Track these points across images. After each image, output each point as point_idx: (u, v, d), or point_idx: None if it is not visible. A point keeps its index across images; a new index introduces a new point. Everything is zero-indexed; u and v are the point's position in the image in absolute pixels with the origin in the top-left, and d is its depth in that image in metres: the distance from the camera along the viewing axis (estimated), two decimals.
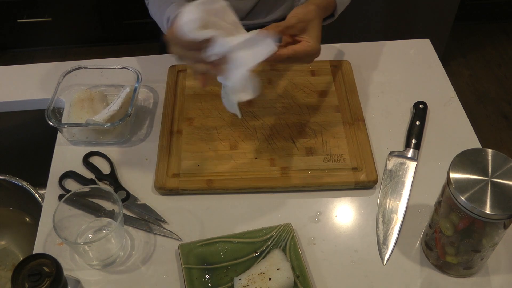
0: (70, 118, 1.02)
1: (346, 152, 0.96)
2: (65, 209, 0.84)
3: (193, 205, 0.91)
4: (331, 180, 0.92)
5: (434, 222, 0.79)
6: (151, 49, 1.13)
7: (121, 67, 1.07)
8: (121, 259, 0.84)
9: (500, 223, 0.71)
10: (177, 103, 1.05)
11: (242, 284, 0.77)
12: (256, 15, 1.18)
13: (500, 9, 2.72)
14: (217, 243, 0.83)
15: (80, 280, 0.78)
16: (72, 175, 0.94)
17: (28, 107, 1.11)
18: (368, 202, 0.91)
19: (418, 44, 1.21)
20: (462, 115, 1.05)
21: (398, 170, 0.95)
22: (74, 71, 1.06)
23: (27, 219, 1.17)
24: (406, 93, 1.09)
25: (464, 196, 0.69)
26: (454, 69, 2.51)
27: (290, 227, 0.84)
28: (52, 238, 0.86)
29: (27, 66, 1.18)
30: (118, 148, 1.00)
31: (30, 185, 1.08)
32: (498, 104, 2.36)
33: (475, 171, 0.72)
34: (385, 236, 0.86)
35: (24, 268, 0.68)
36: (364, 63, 1.15)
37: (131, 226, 0.88)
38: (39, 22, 2.43)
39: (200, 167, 0.94)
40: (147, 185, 0.93)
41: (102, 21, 2.51)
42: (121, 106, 0.99)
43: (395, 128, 1.02)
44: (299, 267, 0.80)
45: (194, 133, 0.99)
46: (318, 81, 1.09)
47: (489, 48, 2.63)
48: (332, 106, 1.04)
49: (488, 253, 0.78)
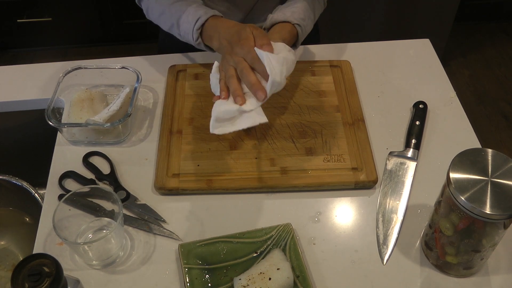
0: (70, 118, 1.01)
1: (346, 152, 0.96)
2: (65, 209, 0.84)
3: (193, 205, 0.91)
4: (331, 180, 0.92)
5: (434, 222, 0.79)
6: (151, 49, 1.13)
7: (121, 67, 1.07)
8: (121, 259, 0.84)
9: (500, 223, 0.71)
10: (177, 103, 1.05)
11: (242, 284, 0.77)
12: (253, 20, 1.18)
13: (500, 9, 2.72)
14: (217, 243, 0.83)
15: (80, 280, 0.78)
16: (72, 175, 0.94)
17: (28, 107, 1.11)
18: (368, 202, 0.91)
19: (418, 44, 1.21)
20: (462, 115, 1.05)
21: (398, 170, 0.95)
22: (74, 71, 1.06)
23: (27, 219, 1.17)
24: (406, 93, 1.09)
25: (464, 196, 0.69)
26: (454, 69, 2.51)
27: (290, 227, 0.84)
28: (52, 238, 0.86)
29: (27, 66, 1.18)
30: (118, 148, 1.00)
31: (30, 185, 1.08)
32: (498, 104, 2.36)
33: (475, 171, 0.72)
34: (385, 236, 0.86)
35: (24, 268, 0.68)
36: (364, 63, 1.15)
37: (131, 226, 0.88)
38: (39, 22, 2.43)
39: (200, 167, 0.94)
40: (147, 185, 0.93)
41: (102, 21, 2.51)
42: (121, 106, 0.99)
43: (395, 128, 1.02)
44: (299, 267, 0.80)
45: (194, 133, 0.99)
46: (318, 81, 1.09)
47: (489, 48, 2.63)
48: (332, 106, 1.04)
49: (488, 253, 0.78)
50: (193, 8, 1.00)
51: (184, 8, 1.00)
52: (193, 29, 0.98)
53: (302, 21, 1.01)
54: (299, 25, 1.00)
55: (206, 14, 0.98)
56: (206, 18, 0.98)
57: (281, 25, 1.00)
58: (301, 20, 1.01)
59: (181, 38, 1.04)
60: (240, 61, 0.86)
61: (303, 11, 1.02)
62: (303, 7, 1.03)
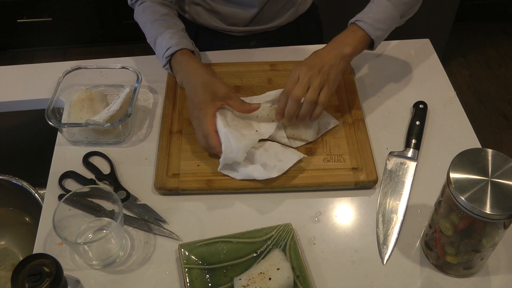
0: (70, 118, 1.01)
1: (346, 152, 0.96)
2: (65, 209, 0.84)
3: (193, 205, 0.91)
4: (331, 180, 0.92)
5: (434, 222, 0.79)
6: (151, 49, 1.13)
7: (121, 67, 1.07)
8: (121, 259, 0.84)
9: (500, 223, 0.71)
10: (177, 103, 1.05)
11: (242, 284, 0.77)
12: (260, 22, 1.18)
13: (500, 9, 2.72)
14: (217, 243, 0.83)
15: (80, 280, 0.78)
16: (72, 175, 0.94)
17: (28, 107, 1.11)
18: (368, 202, 0.91)
19: (418, 44, 1.21)
20: (462, 115, 1.05)
21: (398, 170, 0.95)
22: (74, 71, 1.06)
23: (27, 219, 1.17)
24: (406, 93, 1.09)
25: (464, 196, 0.69)
26: (454, 69, 2.51)
27: (290, 227, 0.84)
28: (52, 238, 0.86)
29: (27, 66, 1.18)
30: (118, 148, 1.00)
31: (30, 185, 1.08)
32: (498, 104, 2.36)
33: (475, 171, 0.72)
34: (385, 236, 0.86)
35: (24, 268, 0.68)
36: (364, 63, 1.15)
37: (131, 226, 0.88)
38: (39, 22, 2.43)
39: (200, 167, 0.94)
40: (147, 185, 0.93)
41: (102, 21, 2.51)
42: (121, 106, 0.99)
43: (395, 128, 1.02)
44: (299, 267, 0.80)
45: (194, 133, 0.99)
46: None
47: (489, 48, 2.63)
48: (332, 106, 1.04)
49: (488, 253, 0.78)
50: (169, 33, 1.01)
51: (163, 29, 1.02)
52: (163, 55, 1.00)
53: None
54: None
55: (177, 46, 0.99)
56: (175, 50, 0.99)
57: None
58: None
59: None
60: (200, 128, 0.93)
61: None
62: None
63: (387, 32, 1.00)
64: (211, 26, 1.19)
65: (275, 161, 0.91)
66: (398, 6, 0.98)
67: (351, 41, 0.96)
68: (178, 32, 1.02)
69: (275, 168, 0.90)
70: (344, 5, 1.99)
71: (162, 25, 1.03)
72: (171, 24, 1.04)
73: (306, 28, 1.26)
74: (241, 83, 1.09)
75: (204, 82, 0.93)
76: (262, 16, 1.17)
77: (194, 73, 0.95)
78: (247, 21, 1.17)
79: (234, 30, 1.19)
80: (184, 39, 1.02)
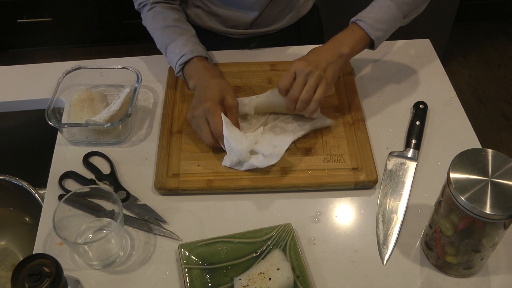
0: (70, 118, 1.01)
1: (346, 152, 0.96)
2: (65, 209, 0.84)
3: (193, 205, 0.91)
4: (331, 180, 0.92)
5: (434, 222, 0.79)
6: (151, 49, 1.13)
7: (121, 67, 1.07)
8: (121, 259, 0.84)
9: (500, 223, 0.71)
10: (177, 103, 1.05)
11: (242, 284, 0.77)
12: (260, 25, 1.18)
13: (500, 9, 2.72)
14: (217, 243, 0.83)
15: (80, 280, 0.78)
16: (72, 175, 0.94)
17: (28, 107, 1.11)
18: (368, 202, 0.91)
19: (418, 44, 1.21)
20: (462, 115, 1.05)
21: (398, 170, 0.95)
22: (74, 71, 1.06)
23: (27, 219, 1.17)
24: (406, 93, 1.09)
25: (464, 196, 0.69)
26: (454, 69, 2.51)
27: (290, 227, 0.84)
28: (52, 238, 0.86)
29: (27, 66, 1.18)
30: (118, 148, 1.00)
31: (30, 185, 1.08)
32: (498, 104, 2.36)
33: (475, 171, 0.72)
34: (385, 236, 0.86)
35: (24, 268, 0.68)
36: (364, 63, 1.15)
37: (131, 226, 0.88)
38: (39, 22, 2.43)
39: (200, 167, 0.94)
40: (147, 185, 0.93)
41: (102, 21, 2.51)
42: (121, 106, 0.99)
43: (395, 128, 1.02)
44: (299, 267, 0.80)
45: (194, 133, 0.99)
46: None
47: (489, 48, 2.63)
48: (332, 106, 1.04)
49: (488, 253, 0.78)
50: (183, 40, 1.02)
51: (175, 37, 1.03)
52: (177, 62, 1.01)
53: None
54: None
55: (191, 54, 1.00)
56: (190, 57, 1.00)
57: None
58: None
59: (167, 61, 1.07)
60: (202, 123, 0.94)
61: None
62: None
63: (388, 33, 1.00)
64: (212, 28, 1.19)
65: (271, 148, 0.91)
66: (401, 6, 0.98)
67: (349, 41, 0.96)
68: (190, 39, 1.03)
69: (272, 155, 0.90)
70: (344, 5, 1.99)
71: (174, 31, 1.04)
72: (184, 30, 1.05)
73: (306, 30, 1.27)
74: (241, 83, 1.09)
75: (220, 84, 0.95)
76: (263, 19, 1.17)
77: (212, 77, 0.97)
78: (248, 24, 1.17)
79: (234, 32, 1.19)
80: (197, 45, 1.03)
